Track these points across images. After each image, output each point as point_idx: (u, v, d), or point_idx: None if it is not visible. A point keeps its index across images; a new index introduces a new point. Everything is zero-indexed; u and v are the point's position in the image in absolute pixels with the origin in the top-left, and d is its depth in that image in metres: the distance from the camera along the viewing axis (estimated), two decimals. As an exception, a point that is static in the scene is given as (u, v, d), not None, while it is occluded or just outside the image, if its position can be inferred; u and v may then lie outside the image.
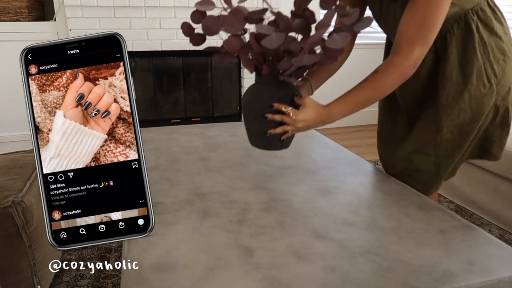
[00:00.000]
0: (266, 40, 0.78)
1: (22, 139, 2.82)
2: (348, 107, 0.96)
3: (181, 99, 3.12)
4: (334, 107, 0.96)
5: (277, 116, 0.94)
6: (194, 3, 0.87)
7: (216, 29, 0.86)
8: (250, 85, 0.99)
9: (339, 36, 0.79)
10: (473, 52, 1.01)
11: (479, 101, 1.03)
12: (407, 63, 0.92)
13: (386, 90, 0.96)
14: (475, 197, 2.01)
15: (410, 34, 0.91)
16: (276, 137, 0.97)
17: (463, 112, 1.03)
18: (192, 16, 0.89)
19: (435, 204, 0.91)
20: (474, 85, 1.01)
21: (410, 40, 0.91)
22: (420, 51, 0.92)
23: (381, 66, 0.95)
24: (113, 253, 1.65)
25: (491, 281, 0.65)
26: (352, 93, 0.96)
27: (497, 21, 1.02)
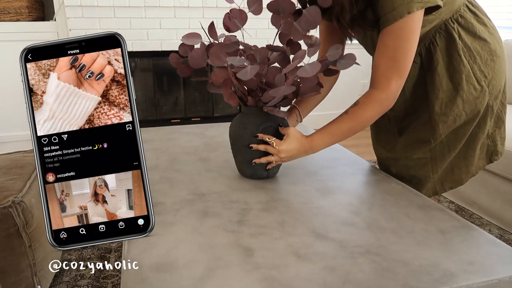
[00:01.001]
0: (241, 72, 0.81)
1: (22, 139, 2.82)
2: (330, 138, 0.98)
3: (181, 99, 3.12)
4: (316, 139, 0.98)
5: (261, 146, 0.97)
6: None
7: (203, 61, 0.90)
8: (237, 115, 1.03)
9: (310, 66, 0.81)
10: (458, 59, 1.01)
11: (472, 104, 1.04)
12: (386, 96, 0.94)
13: (368, 122, 0.97)
14: (475, 197, 2.01)
15: (384, 69, 0.93)
16: (262, 166, 1.01)
17: (458, 117, 1.05)
18: (179, 49, 0.94)
19: (435, 204, 0.91)
20: (466, 90, 1.03)
21: (385, 75, 0.93)
22: (396, 83, 0.93)
23: (361, 99, 0.96)
24: (113, 253, 1.65)
25: (491, 281, 0.65)
26: (334, 125, 0.98)
27: (480, 24, 1.03)
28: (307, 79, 0.86)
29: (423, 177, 1.13)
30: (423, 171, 1.12)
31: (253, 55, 0.89)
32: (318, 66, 0.81)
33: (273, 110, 0.91)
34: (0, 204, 1.12)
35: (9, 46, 2.69)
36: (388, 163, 1.21)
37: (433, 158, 1.11)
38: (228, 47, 0.86)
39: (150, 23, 2.80)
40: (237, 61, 0.83)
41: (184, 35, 0.91)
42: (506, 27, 3.13)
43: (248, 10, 0.90)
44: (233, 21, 0.89)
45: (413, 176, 1.14)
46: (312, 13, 0.86)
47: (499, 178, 1.88)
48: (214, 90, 0.96)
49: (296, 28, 0.87)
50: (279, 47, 0.90)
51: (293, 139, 0.96)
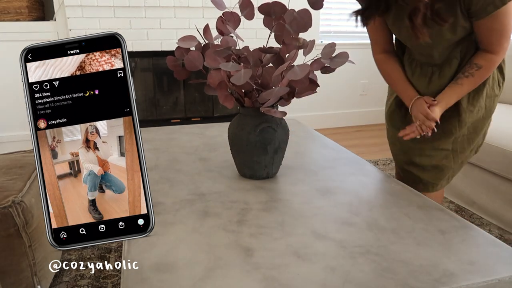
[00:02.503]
0: (235, 77, 0.82)
1: (22, 139, 2.82)
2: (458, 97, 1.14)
3: (181, 99, 3.12)
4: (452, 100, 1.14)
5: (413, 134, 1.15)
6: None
7: (199, 64, 0.90)
8: (235, 116, 1.03)
9: (299, 67, 0.82)
10: None
11: (491, 101, 1.19)
12: (501, 57, 1.10)
13: (484, 79, 1.13)
14: (475, 197, 2.01)
15: (497, 40, 1.07)
16: (261, 167, 1.02)
17: (480, 109, 1.19)
18: (175, 52, 0.95)
19: (435, 204, 0.91)
20: (490, 86, 1.18)
21: (500, 44, 1.07)
22: (507, 46, 1.09)
23: (483, 63, 1.09)
24: (113, 253, 1.65)
25: (491, 281, 0.65)
26: (465, 86, 1.12)
27: None
28: (298, 81, 0.87)
29: (444, 167, 1.25)
30: (445, 161, 1.24)
31: (246, 57, 0.90)
32: (307, 68, 0.81)
33: (269, 110, 0.91)
34: (0, 204, 1.12)
35: (9, 46, 2.69)
36: (413, 152, 1.28)
37: (455, 150, 1.23)
38: (220, 52, 0.87)
39: (150, 23, 2.80)
40: (230, 67, 0.83)
41: (180, 38, 0.92)
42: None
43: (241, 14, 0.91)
44: (226, 24, 0.90)
45: (435, 165, 1.25)
46: (303, 16, 0.87)
47: (499, 178, 1.88)
48: (211, 92, 0.97)
49: (288, 30, 0.88)
50: (271, 49, 0.90)
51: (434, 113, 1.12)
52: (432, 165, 1.26)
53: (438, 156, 1.24)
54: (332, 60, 0.89)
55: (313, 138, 1.41)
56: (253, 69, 0.89)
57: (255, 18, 0.93)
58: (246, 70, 0.81)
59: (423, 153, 1.26)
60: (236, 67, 0.83)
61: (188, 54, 0.91)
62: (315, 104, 3.46)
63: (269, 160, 1.00)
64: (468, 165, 2.02)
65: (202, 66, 0.92)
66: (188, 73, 0.96)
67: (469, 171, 2.04)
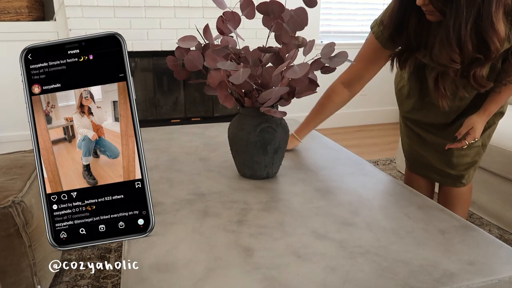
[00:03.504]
0: (234, 76, 0.81)
1: (22, 139, 2.82)
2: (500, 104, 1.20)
3: (181, 99, 3.12)
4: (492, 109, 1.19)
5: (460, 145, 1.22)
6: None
7: (199, 64, 0.90)
8: (235, 116, 1.03)
9: (299, 66, 0.82)
10: None
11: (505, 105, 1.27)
12: None
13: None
14: (475, 197, 2.01)
15: None
16: (261, 167, 1.02)
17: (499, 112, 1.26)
18: (175, 52, 0.95)
19: (435, 204, 0.91)
20: None
21: None
22: None
23: None
24: (113, 253, 1.65)
25: (491, 281, 0.65)
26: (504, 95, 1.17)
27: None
28: (298, 80, 0.87)
29: (475, 163, 1.33)
30: (477, 157, 1.32)
31: (245, 57, 0.90)
32: (307, 67, 0.81)
33: (269, 110, 0.91)
34: (0, 204, 1.12)
35: (9, 46, 2.69)
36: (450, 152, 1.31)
37: (484, 145, 1.31)
38: (219, 52, 0.87)
39: (150, 23, 2.80)
40: (227, 66, 0.83)
41: (180, 38, 0.92)
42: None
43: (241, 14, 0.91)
44: (226, 24, 0.90)
45: (469, 163, 1.32)
46: (299, 15, 0.87)
47: (499, 178, 1.88)
48: (211, 92, 0.97)
49: (285, 29, 0.88)
50: (270, 48, 0.90)
51: (480, 125, 1.19)
52: (467, 162, 1.32)
53: (472, 153, 1.30)
54: (331, 59, 0.90)
55: (313, 138, 1.41)
56: (252, 69, 0.89)
57: (255, 18, 0.93)
58: (245, 70, 0.81)
59: (460, 152, 1.29)
60: (234, 66, 0.83)
61: (188, 54, 0.91)
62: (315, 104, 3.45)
63: (269, 160, 1.00)
64: (468, 165, 2.02)
65: (202, 66, 0.92)
66: (188, 73, 0.96)
67: (469, 171, 2.04)
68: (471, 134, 1.19)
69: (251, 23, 1.17)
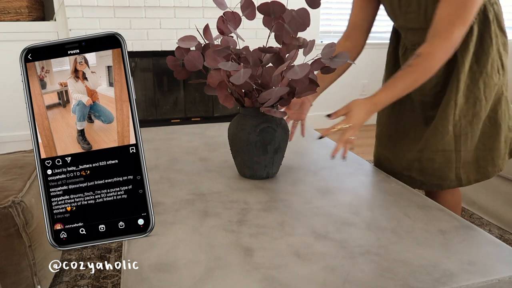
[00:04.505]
0: (234, 77, 0.82)
1: (22, 139, 2.82)
2: (394, 94, 0.99)
3: (181, 99, 3.12)
4: (381, 97, 0.99)
5: (340, 145, 0.97)
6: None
7: (199, 64, 0.90)
8: (235, 116, 1.03)
9: (299, 67, 0.82)
10: (489, 42, 1.06)
11: (492, 91, 1.08)
12: (448, 43, 0.95)
13: (431, 72, 0.97)
14: (475, 197, 2.01)
15: (449, 16, 0.94)
16: (261, 167, 1.01)
17: (479, 101, 1.08)
18: (175, 52, 0.94)
19: (435, 204, 0.91)
20: (489, 75, 1.07)
21: (450, 22, 0.94)
22: (459, 32, 0.95)
23: (423, 50, 0.97)
24: (113, 253, 1.65)
25: (491, 281, 0.65)
26: (398, 80, 0.98)
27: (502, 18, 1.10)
28: (298, 80, 0.87)
29: (447, 169, 1.14)
30: (447, 163, 1.13)
31: (246, 57, 0.90)
32: (307, 68, 0.81)
33: (270, 110, 0.91)
34: (0, 204, 1.12)
35: (9, 46, 2.69)
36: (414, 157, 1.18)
37: (458, 150, 1.12)
38: (219, 52, 0.87)
39: (150, 23, 2.80)
40: (229, 66, 0.83)
41: (180, 38, 0.92)
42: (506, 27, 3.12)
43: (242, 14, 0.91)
44: (226, 24, 0.90)
45: (437, 168, 1.15)
46: (302, 15, 0.87)
47: (499, 178, 1.88)
48: (211, 92, 0.97)
49: (287, 29, 0.88)
50: (271, 48, 0.90)
51: (357, 110, 0.97)
52: (434, 168, 1.15)
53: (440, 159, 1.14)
54: (332, 60, 0.90)
55: (313, 138, 1.41)
56: (253, 69, 0.89)
57: (256, 18, 0.93)
58: (245, 70, 0.81)
59: (423, 157, 1.15)
60: (235, 66, 0.84)
61: (188, 54, 0.91)
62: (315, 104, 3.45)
63: (269, 160, 1.00)
64: (468, 165, 2.02)
65: (202, 66, 0.92)
66: (188, 73, 0.96)
67: (469, 171, 2.04)
68: (346, 118, 0.97)
69: (251, 23, 1.17)
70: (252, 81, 0.90)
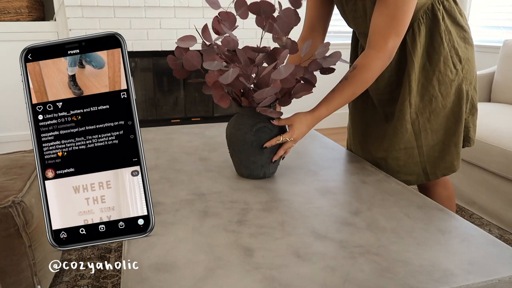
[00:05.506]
0: (223, 76, 0.82)
1: (22, 139, 2.82)
2: (334, 106, 1.02)
3: (181, 99, 3.12)
4: (321, 111, 1.01)
5: (280, 152, 1.00)
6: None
7: (197, 63, 0.90)
8: (233, 116, 1.04)
9: (284, 67, 0.82)
10: (439, 40, 1.07)
11: (448, 87, 1.09)
12: (382, 55, 0.97)
13: (369, 82, 1.00)
14: (475, 197, 2.01)
15: (382, 28, 0.97)
16: (258, 166, 1.01)
17: (434, 98, 1.10)
18: (175, 51, 0.95)
19: (435, 204, 0.91)
20: (442, 72, 1.08)
21: (383, 33, 0.96)
22: (393, 42, 0.97)
23: (359, 62, 0.99)
24: (113, 253, 1.65)
25: (491, 281, 0.65)
26: (336, 93, 1.01)
27: (458, 13, 1.09)
28: (285, 80, 0.87)
29: (412, 165, 1.17)
30: (411, 159, 1.16)
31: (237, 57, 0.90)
32: (291, 68, 0.81)
33: (265, 110, 0.91)
34: (0, 204, 1.12)
35: (9, 46, 2.69)
36: (380, 155, 1.20)
37: (420, 146, 1.15)
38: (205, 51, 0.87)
39: (150, 23, 2.80)
40: (213, 66, 0.83)
41: (180, 38, 0.92)
42: (506, 27, 3.13)
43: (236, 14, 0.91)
44: (221, 23, 0.90)
45: (402, 165, 1.17)
46: (288, 15, 0.87)
47: (499, 178, 1.88)
48: (209, 92, 0.97)
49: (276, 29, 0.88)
50: (260, 48, 0.90)
51: (299, 124, 1.00)
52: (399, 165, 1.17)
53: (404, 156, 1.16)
54: (325, 59, 0.90)
55: (313, 138, 1.41)
56: (245, 69, 0.88)
57: (255, 17, 0.93)
58: (233, 69, 0.81)
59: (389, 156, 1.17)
60: (220, 65, 0.84)
61: (186, 54, 0.91)
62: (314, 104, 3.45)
63: (266, 160, 1.00)
64: (468, 165, 2.02)
65: (200, 66, 0.92)
66: (188, 72, 0.96)
67: (469, 171, 2.04)
68: (290, 131, 0.99)
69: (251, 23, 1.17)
70: (247, 81, 0.90)
